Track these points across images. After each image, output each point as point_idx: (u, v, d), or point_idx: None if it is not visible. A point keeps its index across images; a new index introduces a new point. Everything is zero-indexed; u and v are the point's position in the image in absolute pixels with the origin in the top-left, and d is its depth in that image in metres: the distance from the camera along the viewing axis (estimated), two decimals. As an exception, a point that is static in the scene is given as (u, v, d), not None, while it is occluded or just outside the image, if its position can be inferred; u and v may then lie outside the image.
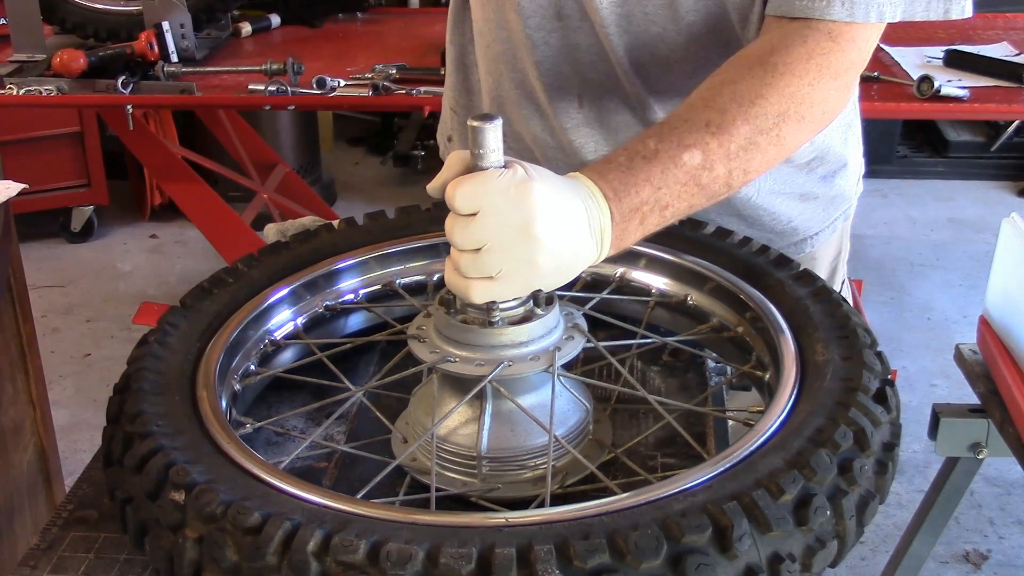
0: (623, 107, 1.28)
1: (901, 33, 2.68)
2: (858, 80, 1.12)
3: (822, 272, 1.39)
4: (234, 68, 2.60)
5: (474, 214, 0.88)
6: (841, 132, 1.34)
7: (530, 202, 0.88)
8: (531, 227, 0.88)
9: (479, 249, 0.88)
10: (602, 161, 0.98)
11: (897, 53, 2.56)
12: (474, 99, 1.43)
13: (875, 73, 2.43)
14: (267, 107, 2.56)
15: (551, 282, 0.93)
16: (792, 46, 1.04)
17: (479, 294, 0.91)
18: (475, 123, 0.89)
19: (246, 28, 2.91)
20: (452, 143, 1.51)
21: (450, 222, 0.89)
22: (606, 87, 1.27)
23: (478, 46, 1.36)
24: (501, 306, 0.95)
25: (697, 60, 1.21)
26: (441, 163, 1.57)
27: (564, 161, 1.34)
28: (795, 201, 1.34)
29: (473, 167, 0.90)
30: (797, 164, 1.31)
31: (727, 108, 1.00)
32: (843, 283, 1.48)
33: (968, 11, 1.09)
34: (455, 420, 0.97)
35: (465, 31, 1.40)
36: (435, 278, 1.22)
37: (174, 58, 2.57)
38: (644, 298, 1.19)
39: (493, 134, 0.89)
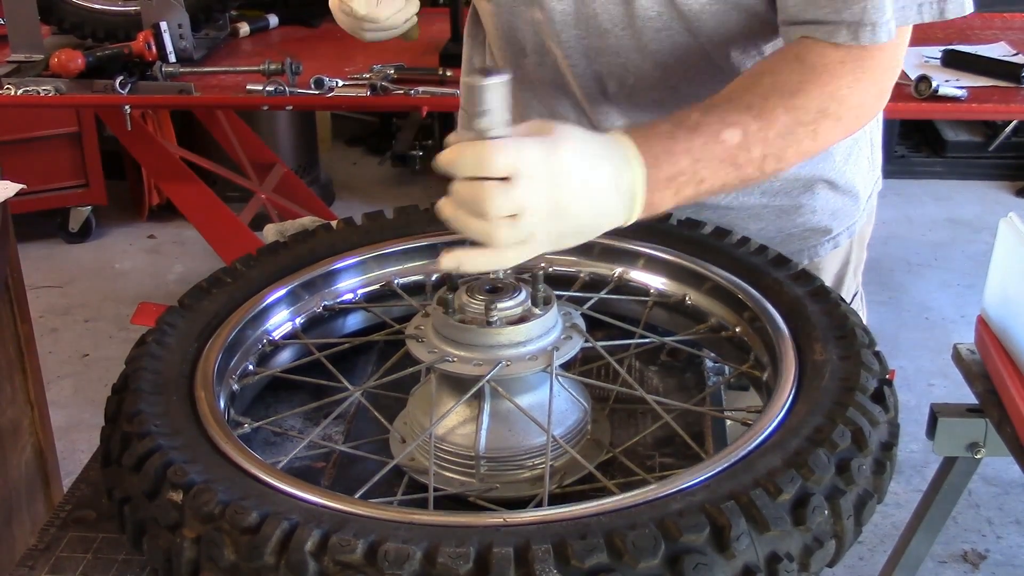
0: None
1: (899, 33, 2.67)
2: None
3: (826, 282, 1.37)
4: (232, 68, 2.60)
5: (507, 178, 0.85)
6: (844, 149, 1.32)
7: (563, 166, 0.87)
8: (561, 192, 0.87)
9: (515, 215, 0.86)
10: (646, 125, 0.97)
11: (895, 53, 2.56)
12: None
13: (873, 73, 2.42)
14: (265, 107, 2.56)
15: (571, 243, 0.92)
16: (826, 49, 1.04)
17: (513, 258, 0.89)
18: (472, 80, 0.84)
19: (244, 28, 2.91)
20: None
21: (482, 189, 0.85)
22: (573, 119, 1.27)
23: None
24: (499, 306, 0.95)
25: (666, 88, 1.22)
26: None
27: None
28: (789, 213, 1.33)
29: (478, 130, 0.86)
30: (790, 174, 1.31)
31: (768, 96, 1.01)
32: (856, 295, 1.46)
33: (968, 7, 1.09)
34: (453, 420, 0.97)
35: (477, 32, 1.41)
36: (433, 278, 1.22)
37: (172, 58, 2.57)
38: (642, 298, 1.19)
39: (494, 92, 0.85)
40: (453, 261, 0.89)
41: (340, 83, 2.46)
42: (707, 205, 1.01)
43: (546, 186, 0.86)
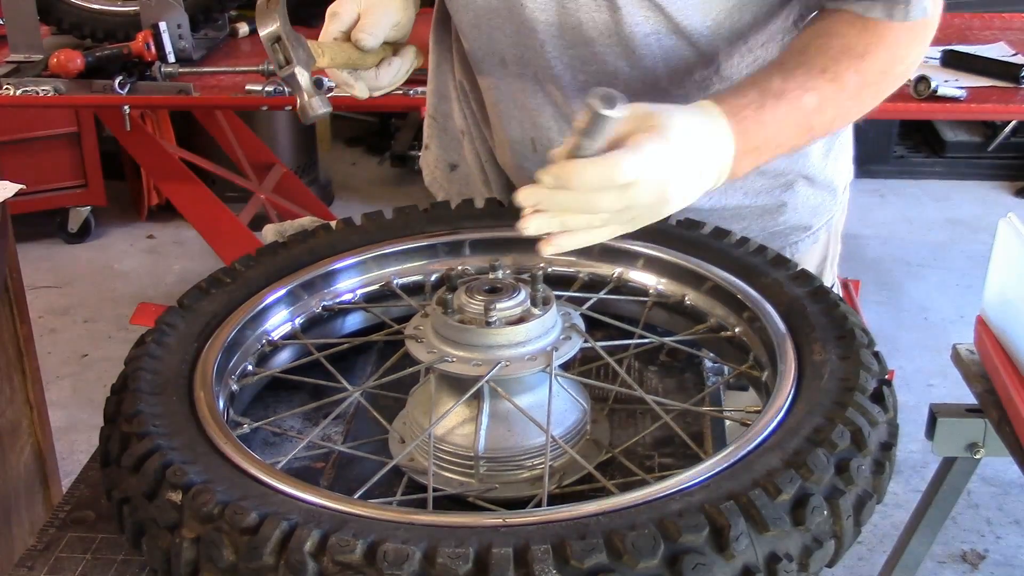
0: None
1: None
2: None
3: None
4: (231, 68, 2.60)
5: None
6: (822, 145, 1.32)
7: (680, 162, 0.92)
8: (671, 184, 0.92)
9: (625, 207, 0.90)
10: (734, 94, 1.00)
11: (894, 53, 2.55)
12: (449, 106, 1.43)
13: (872, 73, 2.42)
14: (264, 107, 2.56)
15: (662, 216, 0.96)
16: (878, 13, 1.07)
17: (608, 235, 0.93)
18: (598, 108, 0.86)
19: (243, 28, 2.91)
20: (428, 151, 1.50)
21: (596, 197, 0.90)
22: (556, 130, 1.28)
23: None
24: (498, 306, 0.95)
25: (655, 92, 1.22)
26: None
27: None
28: (772, 212, 1.34)
29: (579, 149, 0.89)
30: (771, 173, 1.31)
31: (840, 59, 1.04)
32: (831, 287, 1.46)
33: None
34: (452, 420, 0.97)
35: (443, 38, 1.40)
36: (432, 278, 1.22)
37: (171, 58, 2.57)
38: (641, 298, 1.19)
39: (612, 125, 0.88)
40: (553, 247, 0.94)
41: (339, 83, 2.45)
42: (687, 209, 1.03)
43: (660, 183, 0.91)
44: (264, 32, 1.12)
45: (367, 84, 1.22)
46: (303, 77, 1.13)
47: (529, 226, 0.92)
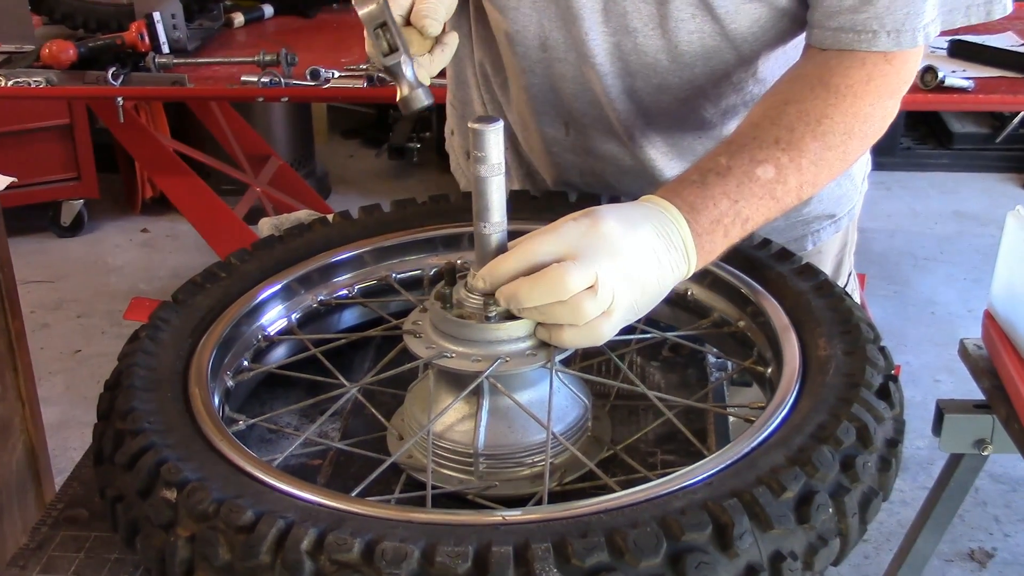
0: (609, 136, 1.29)
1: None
2: None
3: (827, 266, 1.40)
4: (226, 59, 2.59)
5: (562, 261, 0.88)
6: None
7: (608, 229, 0.90)
8: (619, 251, 0.89)
9: (591, 286, 0.88)
10: (675, 180, 1.00)
11: (897, 44, 2.55)
12: (468, 92, 1.42)
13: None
14: (260, 99, 2.55)
15: (645, 305, 0.93)
16: (851, 69, 1.07)
17: (607, 332, 0.90)
18: (475, 125, 0.89)
19: (238, 18, 2.90)
20: (453, 137, 1.51)
21: (551, 276, 0.87)
22: (591, 116, 1.28)
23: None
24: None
25: (691, 88, 1.23)
26: (439, 155, 1.57)
27: (543, 182, 1.38)
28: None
29: (473, 169, 0.90)
30: None
31: (795, 127, 1.03)
32: (850, 275, 1.49)
33: (1010, 6, 1.12)
34: (451, 417, 0.96)
35: (461, 25, 1.39)
36: (431, 272, 1.21)
37: (165, 49, 2.56)
38: (643, 292, 1.18)
39: (494, 137, 0.89)
40: (546, 334, 0.92)
41: (336, 74, 2.45)
42: None
43: (603, 250, 0.89)
44: (364, 11, 1.02)
45: (427, 71, 1.20)
46: (407, 67, 1.06)
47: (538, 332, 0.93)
